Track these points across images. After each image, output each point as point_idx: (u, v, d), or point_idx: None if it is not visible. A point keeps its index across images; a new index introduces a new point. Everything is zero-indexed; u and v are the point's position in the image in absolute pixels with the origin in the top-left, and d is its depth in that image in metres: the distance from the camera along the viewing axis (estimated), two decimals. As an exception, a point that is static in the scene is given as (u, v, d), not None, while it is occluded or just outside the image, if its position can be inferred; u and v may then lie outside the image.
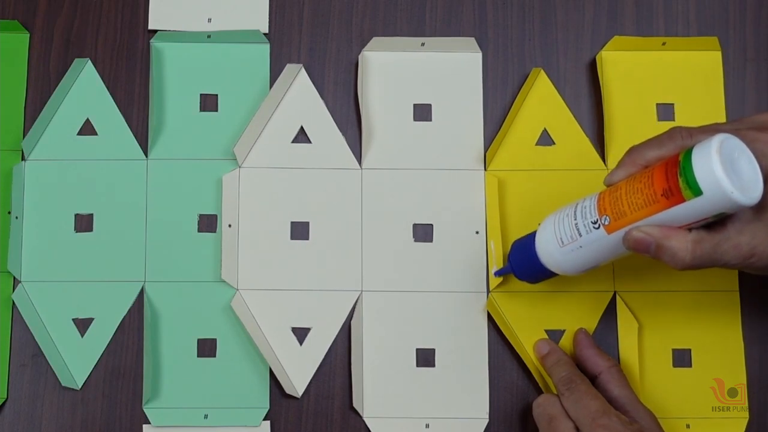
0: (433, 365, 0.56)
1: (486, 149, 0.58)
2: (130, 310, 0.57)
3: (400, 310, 0.57)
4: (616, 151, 0.58)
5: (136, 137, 0.59)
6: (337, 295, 0.57)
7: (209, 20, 0.60)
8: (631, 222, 0.44)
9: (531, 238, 0.51)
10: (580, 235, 0.47)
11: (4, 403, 0.56)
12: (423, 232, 0.58)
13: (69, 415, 0.56)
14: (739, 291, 0.57)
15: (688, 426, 0.55)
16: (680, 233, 0.43)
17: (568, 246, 0.48)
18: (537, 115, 0.58)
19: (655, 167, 0.43)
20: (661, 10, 0.60)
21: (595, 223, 0.46)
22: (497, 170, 0.58)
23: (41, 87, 0.60)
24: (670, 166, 0.42)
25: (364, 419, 0.56)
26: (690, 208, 0.41)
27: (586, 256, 0.47)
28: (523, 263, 0.52)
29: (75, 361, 0.57)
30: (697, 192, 0.40)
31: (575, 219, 0.47)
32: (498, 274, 0.55)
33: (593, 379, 0.53)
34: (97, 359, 0.57)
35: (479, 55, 0.59)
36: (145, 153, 0.59)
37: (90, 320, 0.57)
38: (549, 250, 0.49)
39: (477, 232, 0.58)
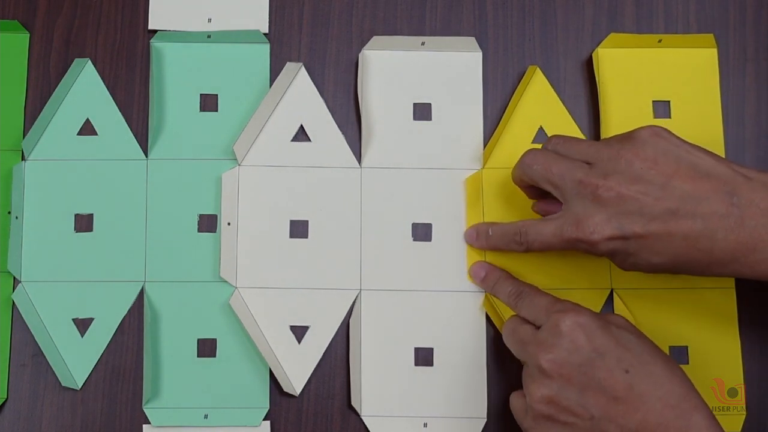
0: (432, 364, 0.56)
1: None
2: (130, 310, 0.57)
3: (399, 309, 0.57)
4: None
5: (136, 137, 0.59)
6: (335, 294, 0.57)
7: (209, 20, 0.60)
8: None
9: None
10: None
11: (4, 403, 0.56)
12: (422, 232, 0.58)
13: (69, 415, 0.56)
14: (735, 289, 0.56)
15: None
16: None
17: None
18: (533, 113, 0.58)
19: None
20: (661, 10, 0.60)
21: None
22: (494, 168, 0.58)
23: (41, 87, 0.60)
24: None
25: (362, 418, 0.56)
26: None
27: None
28: None
29: (75, 361, 0.57)
30: None
31: None
32: None
33: None
34: (97, 359, 0.57)
35: (479, 55, 0.59)
36: (145, 153, 0.59)
37: (90, 320, 0.57)
38: None
39: (476, 231, 0.57)
